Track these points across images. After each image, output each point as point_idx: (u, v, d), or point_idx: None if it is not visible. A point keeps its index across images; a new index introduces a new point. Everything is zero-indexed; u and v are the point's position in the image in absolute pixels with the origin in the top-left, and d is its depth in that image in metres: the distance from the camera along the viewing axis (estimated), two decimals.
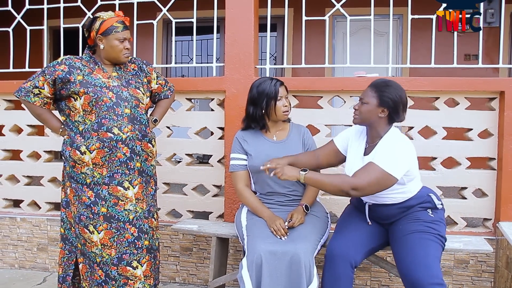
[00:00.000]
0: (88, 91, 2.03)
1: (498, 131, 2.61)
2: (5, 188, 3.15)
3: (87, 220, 2.06)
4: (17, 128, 3.13)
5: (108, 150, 2.05)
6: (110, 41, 2.09)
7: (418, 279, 1.72)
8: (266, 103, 2.18)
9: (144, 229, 2.15)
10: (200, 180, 2.90)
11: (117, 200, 2.07)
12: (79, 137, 2.06)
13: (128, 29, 2.14)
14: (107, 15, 2.11)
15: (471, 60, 4.94)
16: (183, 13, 3.13)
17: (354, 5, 3.01)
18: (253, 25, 2.74)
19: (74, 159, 2.05)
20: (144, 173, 2.18)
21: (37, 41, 3.36)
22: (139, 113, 2.14)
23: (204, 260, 2.89)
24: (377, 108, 1.92)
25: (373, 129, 1.98)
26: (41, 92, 2.07)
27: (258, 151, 2.23)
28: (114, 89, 2.08)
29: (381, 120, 1.95)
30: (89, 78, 2.07)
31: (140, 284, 2.12)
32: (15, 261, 3.16)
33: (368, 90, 1.97)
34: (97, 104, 2.04)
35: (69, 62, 2.08)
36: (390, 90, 1.92)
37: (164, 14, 2.93)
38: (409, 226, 1.93)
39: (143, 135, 2.15)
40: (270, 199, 2.25)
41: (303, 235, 1.99)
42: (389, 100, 1.91)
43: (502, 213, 2.58)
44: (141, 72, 2.25)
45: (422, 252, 1.81)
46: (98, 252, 2.07)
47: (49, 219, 3.08)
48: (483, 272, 2.64)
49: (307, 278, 1.85)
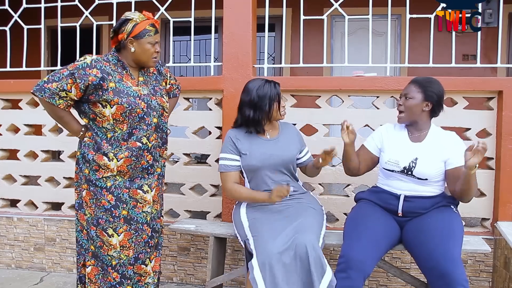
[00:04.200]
0: (122, 101, 1.94)
1: (496, 130, 2.61)
2: (2, 187, 3.14)
3: (106, 223, 2.02)
4: (14, 128, 3.12)
5: (135, 159, 2.02)
6: (143, 44, 1.99)
7: (451, 273, 1.74)
8: (269, 106, 2.18)
9: (156, 228, 2.16)
10: (198, 179, 2.89)
11: (136, 203, 2.05)
12: (106, 144, 1.99)
13: (158, 33, 2.06)
14: (139, 17, 2.00)
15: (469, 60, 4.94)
16: (181, 12, 3.12)
17: (352, 5, 3.01)
18: (251, 24, 2.74)
19: (99, 163, 1.99)
20: (160, 176, 2.19)
21: (34, 40, 3.35)
22: (163, 121, 2.13)
23: (202, 260, 2.88)
24: (422, 102, 2.07)
25: (416, 123, 2.12)
26: (68, 95, 1.92)
27: (253, 149, 2.22)
28: (145, 99, 2.02)
29: (423, 114, 2.10)
30: (120, 85, 1.97)
31: (150, 279, 2.14)
32: (12, 261, 3.14)
33: (411, 86, 2.10)
34: (131, 115, 1.97)
35: (100, 66, 1.95)
36: (434, 85, 2.08)
37: (162, 13, 2.92)
38: (436, 220, 1.99)
39: (163, 143, 2.16)
40: None
41: (306, 227, 2.00)
42: (433, 95, 2.06)
43: (500, 213, 2.58)
44: (160, 76, 2.20)
45: (451, 248, 1.83)
46: (115, 255, 2.04)
47: (46, 219, 3.07)
48: (481, 272, 2.64)
49: (319, 269, 1.85)
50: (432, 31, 2.72)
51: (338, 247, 2.26)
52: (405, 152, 2.11)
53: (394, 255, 2.68)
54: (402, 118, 2.14)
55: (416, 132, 2.14)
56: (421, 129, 2.13)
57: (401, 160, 2.09)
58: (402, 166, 2.09)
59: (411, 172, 2.07)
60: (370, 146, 2.26)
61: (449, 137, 2.11)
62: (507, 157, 2.55)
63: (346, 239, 2.01)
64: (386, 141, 2.20)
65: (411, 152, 2.10)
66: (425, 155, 2.07)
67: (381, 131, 2.27)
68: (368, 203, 2.22)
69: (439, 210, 2.06)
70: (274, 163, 2.21)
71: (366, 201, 2.24)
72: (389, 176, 2.15)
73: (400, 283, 2.65)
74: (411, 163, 2.07)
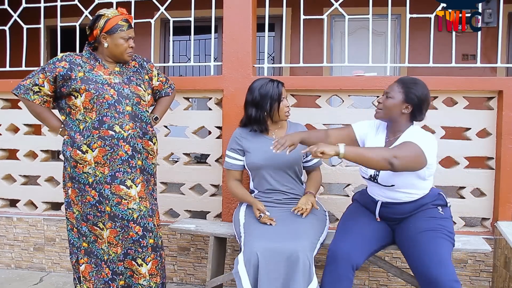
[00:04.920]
0: (89, 88, 2.00)
1: (497, 130, 2.61)
2: (2, 187, 3.14)
3: (95, 218, 2.06)
4: (13, 127, 3.11)
5: (110, 148, 2.03)
6: (115, 39, 2.06)
7: (437, 277, 1.72)
8: (270, 105, 2.19)
9: (149, 227, 2.13)
10: (198, 179, 2.89)
11: (120, 199, 2.05)
12: (79, 136, 2.03)
13: (132, 28, 2.12)
14: (112, 13, 2.07)
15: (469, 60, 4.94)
16: (181, 12, 3.12)
17: (352, 5, 3.01)
18: (251, 24, 2.74)
19: (75, 159, 2.03)
20: (145, 171, 2.17)
21: (34, 40, 3.34)
22: (140, 110, 2.13)
23: (202, 259, 2.88)
24: (402, 104, 1.95)
25: (394, 124, 2.01)
26: (41, 90, 2.03)
27: (257, 148, 2.23)
28: (115, 86, 2.06)
29: (403, 116, 1.97)
30: (90, 74, 2.04)
31: (144, 281, 2.12)
32: (12, 261, 3.14)
33: (394, 85, 1.98)
34: (98, 101, 2.01)
35: (70, 59, 2.05)
36: (417, 87, 1.95)
37: (162, 13, 2.92)
38: (421, 224, 1.94)
39: (143, 133, 2.14)
40: (268, 197, 2.25)
41: (301, 233, 1.98)
42: (415, 97, 1.93)
43: (500, 212, 2.58)
44: (142, 69, 2.23)
45: (438, 250, 1.81)
46: (106, 250, 2.08)
47: (46, 218, 3.07)
48: (481, 271, 2.64)
49: (307, 277, 1.83)
50: (432, 31, 2.72)
51: None
52: None
53: (394, 255, 2.68)
54: (378, 113, 2.02)
55: (392, 136, 2.03)
56: (396, 133, 2.01)
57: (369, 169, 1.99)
58: (368, 174, 2.03)
59: (376, 180, 2.01)
60: (358, 130, 2.14)
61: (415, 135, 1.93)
62: (507, 157, 2.55)
63: (334, 236, 2.03)
64: (367, 140, 2.12)
65: None
66: None
67: (367, 127, 2.14)
68: (358, 203, 2.23)
69: (424, 212, 1.99)
70: (277, 163, 2.21)
71: (357, 201, 2.25)
72: (367, 181, 2.12)
73: (401, 283, 2.65)
74: (375, 171, 1.98)
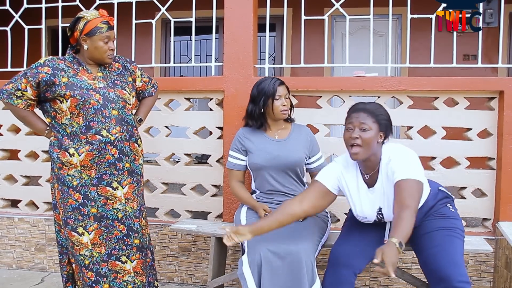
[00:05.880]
0: (74, 94, 1.99)
1: (498, 130, 2.61)
2: (3, 188, 3.14)
3: (75, 222, 2.04)
4: (15, 128, 3.12)
5: (97, 152, 2.03)
6: (95, 42, 2.04)
7: (449, 276, 1.70)
8: (264, 102, 2.19)
9: (134, 228, 2.14)
10: (199, 180, 2.89)
11: (106, 200, 2.07)
12: (67, 139, 2.04)
13: (112, 29, 2.10)
14: (92, 15, 2.06)
15: (470, 60, 4.94)
16: (182, 12, 3.12)
17: (353, 5, 3.01)
18: (252, 24, 2.74)
19: (62, 161, 2.03)
20: (134, 173, 2.18)
21: (35, 40, 3.34)
22: (126, 114, 2.12)
23: (203, 260, 2.88)
24: (377, 134, 1.82)
25: (370, 159, 1.85)
26: (24, 94, 2.01)
27: (259, 148, 2.23)
28: (100, 91, 2.05)
29: (378, 146, 1.85)
30: (74, 80, 2.02)
31: (129, 277, 2.13)
32: (13, 261, 3.14)
33: (363, 115, 1.81)
34: (85, 107, 2.01)
35: (53, 64, 2.03)
36: (383, 111, 1.86)
37: (163, 13, 2.92)
38: (435, 222, 1.91)
39: (130, 136, 2.14)
40: (270, 198, 2.25)
41: (304, 235, 1.98)
42: (386, 122, 1.85)
43: (501, 213, 2.58)
44: (125, 71, 2.22)
45: (452, 249, 1.80)
46: (87, 254, 2.06)
47: (47, 219, 3.07)
48: (482, 272, 2.63)
49: (309, 279, 1.84)
50: (433, 31, 2.72)
51: None
52: (367, 204, 1.92)
53: None
54: (359, 154, 1.80)
55: (369, 171, 1.89)
56: (373, 167, 1.88)
57: (368, 215, 1.93)
58: (372, 220, 1.96)
59: (383, 221, 1.95)
60: (329, 182, 1.94)
61: (394, 158, 1.83)
62: (508, 157, 2.55)
63: (337, 238, 2.03)
64: (346, 188, 1.96)
65: (371, 202, 1.91)
66: (385, 200, 1.87)
67: (336, 172, 1.97)
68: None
69: (438, 212, 1.97)
70: (279, 164, 2.21)
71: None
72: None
73: (401, 283, 2.65)
74: (378, 215, 1.92)
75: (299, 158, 2.24)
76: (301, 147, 2.27)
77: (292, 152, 2.23)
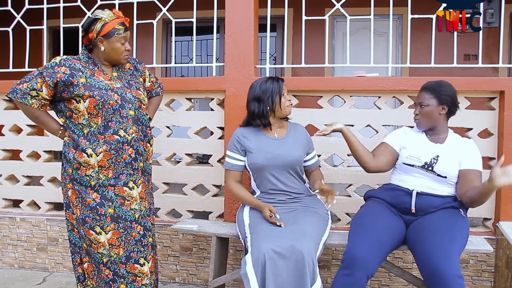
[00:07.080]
0: (93, 94, 1.98)
1: (498, 130, 2.62)
2: (5, 188, 3.15)
3: (93, 221, 2.04)
4: (16, 128, 3.13)
5: (115, 152, 2.03)
6: (112, 43, 2.04)
7: (444, 271, 1.74)
8: (272, 99, 2.21)
9: (148, 226, 2.16)
10: (200, 180, 2.90)
11: (124, 200, 2.06)
12: (83, 140, 2.02)
13: (128, 30, 2.11)
14: (109, 16, 2.05)
15: (471, 60, 4.94)
16: (183, 13, 3.13)
17: (353, 5, 3.01)
18: (253, 24, 2.75)
19: (79, 161, 2.02)
20: (146, 172, 2.19)
21: (36, 41, 3.36)
22: (141, 114, 2.14)
23: (204, 260, 2.89)
24: (438, 107, 2.13)
25: (435, 127, 2.18)
26: (39, 94, 1.98)
27: (259, 148, 2.24)
28: (118, 91, 2.05)
29: (441, 117, 2.16)
30: (92, 80, 2.01)
31: (147, 280, 2.14)
32: (15, 261, 3.15)
33: (423, 93, 2.16)
34: (104, 108, 2.00)
35: (69, 64, 2.00)
36: (445, 88, 2.14)
37: (164, 14, 2.93)
38: (440, 220, 2.01)
39: (144, 136, 2.16)
40: (272, 198, 2.25)
41: (306, 233, 1.98)
42: (447, 97, 2.12)
43: (502, 212, 2.58)
44: (136, 72, 2.24)
45: (447, 244, 1.84)
46: (105, 252, 2.06)
47: (49, 219, 3.08)
48: (483, 271, 2.64)
49: (311, 278, 1.85)
50: (434, 31, 2.72)
51: (340, 247, 2.26)
52: (427, 149, 2.16)
53: (396, 255, 2.68)
54: (420, 124, 2.19)
55: (435, 135, 2.20)
56: (439, 133, 2.19)
57: (423, 156, 2.14)
58: (423, 161, 2.13)
59: (432, 168, 2.11)
60: (391, 141, 2.27)
61: (467, 143, 2.19)
62: (509, 157, 2.55)
63: (351, 236, 2.01)
64: (407, 140, 2.25)
65: (432, 150, 2.15)
66: (446, 154, 2.13)
67: (400, 132, 2.31)
68: (377, 201, 2.22)
69: (446, 210, 2.07)
70: (280, 163, 2.21)
71: (375, 199, 2.24)
72: (407, 171, 2.18)
73: (402, 283, 2.65)
74: (432, 160, 2.12)
75: (299, 156, 2.26)
76: (300, 145, 2.29)
77: (293, 151, 2.24)
